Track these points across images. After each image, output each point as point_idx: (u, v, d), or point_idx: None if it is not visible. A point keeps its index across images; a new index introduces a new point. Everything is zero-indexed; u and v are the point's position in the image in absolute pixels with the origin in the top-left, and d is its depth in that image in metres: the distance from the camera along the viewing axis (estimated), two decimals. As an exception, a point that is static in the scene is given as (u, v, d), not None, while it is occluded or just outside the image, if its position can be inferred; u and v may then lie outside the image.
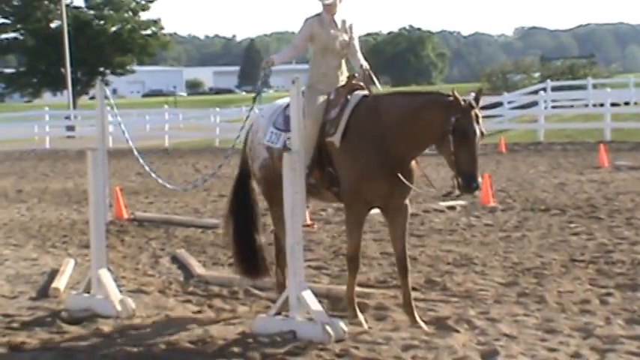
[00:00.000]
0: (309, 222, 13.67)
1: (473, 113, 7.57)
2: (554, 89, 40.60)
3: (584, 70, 54.92)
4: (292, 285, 7.91)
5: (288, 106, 8.39)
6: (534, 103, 36.49)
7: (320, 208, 16.02)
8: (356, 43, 8.60)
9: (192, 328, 8.29)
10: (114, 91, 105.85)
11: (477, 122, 7.58)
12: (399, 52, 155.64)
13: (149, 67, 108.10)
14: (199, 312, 8.99)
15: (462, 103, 7.57)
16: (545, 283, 9.74)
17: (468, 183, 7.54)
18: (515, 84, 54.60)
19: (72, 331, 8.33)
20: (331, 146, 8.20)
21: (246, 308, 9.05)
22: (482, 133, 7.60)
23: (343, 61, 8.60)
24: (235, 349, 7.55)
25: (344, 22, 8.54)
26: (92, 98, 68.76)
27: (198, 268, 10.92)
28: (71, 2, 71.85)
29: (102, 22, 72.65)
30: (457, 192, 7.78)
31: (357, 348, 7.48)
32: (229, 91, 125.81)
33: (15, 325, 8.62)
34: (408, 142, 7.89)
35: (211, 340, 7.85)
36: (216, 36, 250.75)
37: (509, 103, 38.11)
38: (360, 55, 8.58)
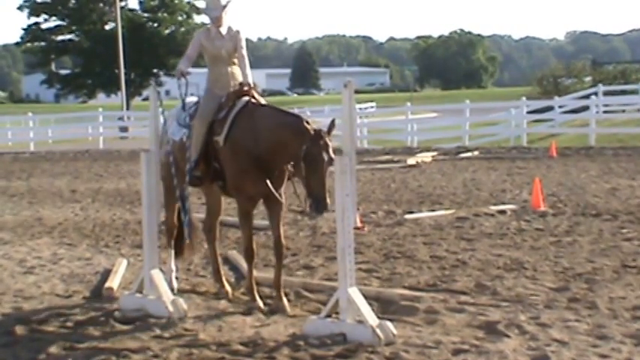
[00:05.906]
0: (359, 224, 13.68)
1: (322, 142, 8.17)
2: (606, 94, 40.18)
3: (636, 74, 54.28)
4: (343, 287, 7.95)
5: (191, 105, 9.62)
6: (586, 108, 36.17)
7: (370, 210, 16.05)
8: (244, 51, 9.35)
9: (243, 330, 8.38)
10: (167, 93, 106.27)
11: (327, 150, 8.21)
12: (450, 56, 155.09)
13: (202, 69, 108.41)
14: (250, 313, 9.06)
15: (312, 132, 8.15)
16: (596, 288, 9.68)
17: (316, 205, 8.25)
18: (566, 88, 54.10)
19: (125, 331, 8.45)
20: (217, 144, 9.07)
21: (296, 310, 9.09)
22: (331, 160, 8.15)
23: (236, 67, 9.37)
24: (285, 351, 7.61)
25: (229, 30, 9.40)
26: (145, 99, 69.36)
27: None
28: (126, 5, 72.67)
29: (156, 24, 73.33)
30: (308, 211, 8.40)
31: (407, 351, 7.50)
32: (281, 93, 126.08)
33: (69, 324, 8.76)
34: (270, 154, 8.60)
35: (262, 341, 7.92)
36: (268, 38, 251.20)
37: (560, 107, 37.86)
38: (247, 71, 9.28)
